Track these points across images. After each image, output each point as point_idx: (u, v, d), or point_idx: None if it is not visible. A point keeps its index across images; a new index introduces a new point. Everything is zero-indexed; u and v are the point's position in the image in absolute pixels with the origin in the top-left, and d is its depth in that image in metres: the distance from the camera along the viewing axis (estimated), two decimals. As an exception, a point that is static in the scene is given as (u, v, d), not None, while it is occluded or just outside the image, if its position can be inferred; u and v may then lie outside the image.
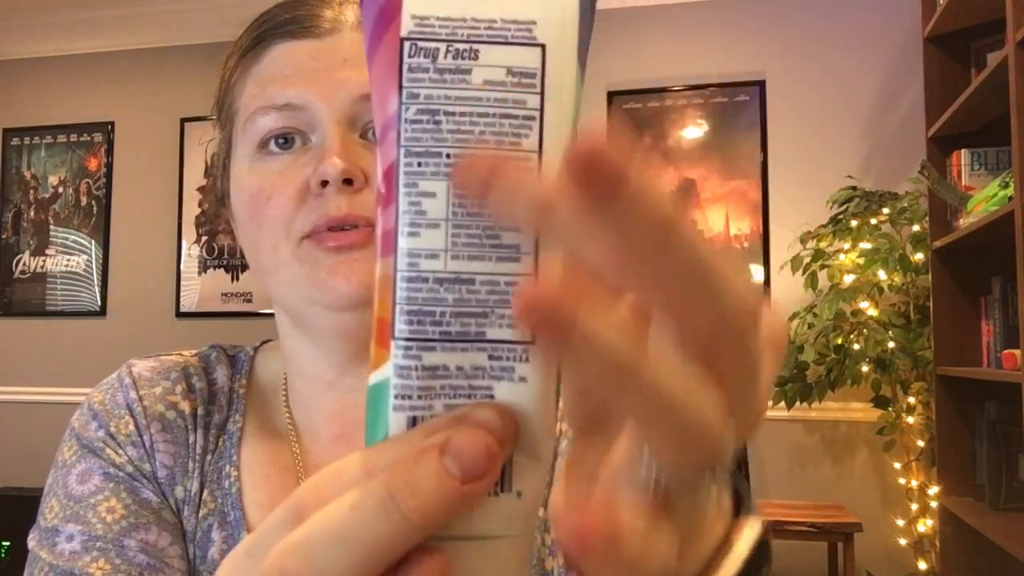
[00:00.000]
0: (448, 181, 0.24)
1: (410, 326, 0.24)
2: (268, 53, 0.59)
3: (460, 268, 0.24)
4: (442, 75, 0.24)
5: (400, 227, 0.24)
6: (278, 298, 0.60)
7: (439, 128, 0.24)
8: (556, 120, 0.25)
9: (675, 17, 3.35)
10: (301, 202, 0.55)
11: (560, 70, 0.25)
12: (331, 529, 0.22)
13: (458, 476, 0.22)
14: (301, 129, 0.57)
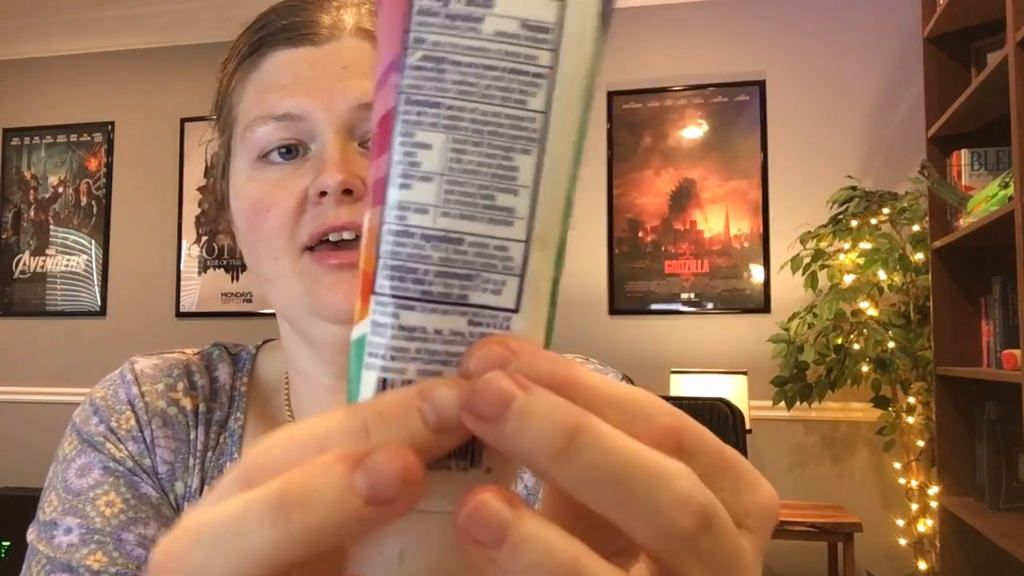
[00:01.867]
0: (447, 134, 0.23)
1: (391, 282, 0.23)
2: (266, 61, 0.59)
3: (449, 226, 0.23)
4: (452, 21, 0.23)
5: (391, 177, 0.23)
6: (278, 308, 0.60)
7: (443, 77, 0.23)
8: (569, 81, 0.23)
9: (675, 17, 3.35)
10: (300, 212, 0.55)
11: (579, 27, 0.23)
12: (224, 520, 0.21)
13: (363, 496, 0.20)
14: (300, 139, 0.57)
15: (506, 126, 0.23)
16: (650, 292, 3.26)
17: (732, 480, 0.24)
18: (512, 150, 0.23)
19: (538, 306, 0.24)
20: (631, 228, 3.31)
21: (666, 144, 3.31)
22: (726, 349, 3.15)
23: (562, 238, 0.24)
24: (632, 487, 0.21)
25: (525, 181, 0.23)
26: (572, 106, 0.23)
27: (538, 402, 0.21)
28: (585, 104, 0.24)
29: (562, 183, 0.24)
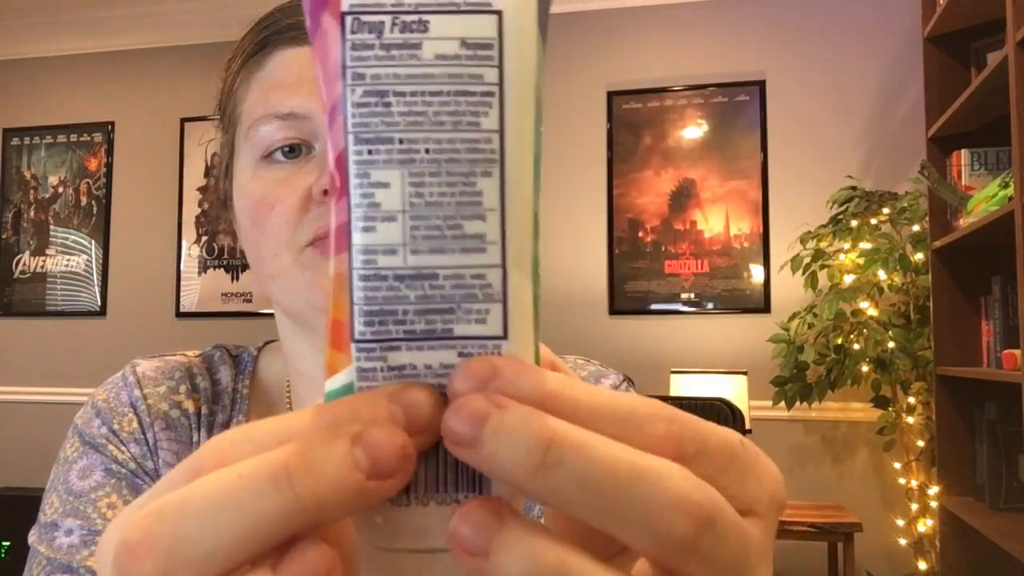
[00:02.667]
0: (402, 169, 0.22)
1: (371, 327, 0.22)
2: (271, 59, 0.59)
3: (421, 263, 0.22)
4: (389, 51, 0.22)
5: (354, 221, 0.22)
6: (280, 303, 0.60)
7: (389, 111, 0.22)
8: (518, 95, 0.22)
9: (675, 17, 3.35)
10: (304, 211, 0.55)
11: (520, 39, 0.22)
12: (213, 494, 0.20)
13: (364, 470, 0.20)
14: (304, 138, 0.57)
15: (463, 151, 0.22)
16: (650, 292, 3.26)
17: (738, 471, 0.23)
18: (473, 174, 0.22)
19: (524, 328, 0.23)
20: (631, 228, 3.31)
21: (666, 144, 3.31)
22: (726, 349, 3.15)
23: (535, 255, 0.24)
24: (620, 495, 0.21)
25: (491, 204, 0.22)
26: (525, 120, 0.23)
27: (511, 418, 0.21)
28: (536, 116, 0.23)
29: (528, 200, 0.23)
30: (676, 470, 0.21)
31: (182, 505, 0.20)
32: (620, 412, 0.22)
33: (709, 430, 0.23)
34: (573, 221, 3.33)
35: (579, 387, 0.23)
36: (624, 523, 0.21)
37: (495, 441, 0.21)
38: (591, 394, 0.23)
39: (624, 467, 0.21)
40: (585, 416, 0.22)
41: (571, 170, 3.35)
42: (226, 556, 0.20)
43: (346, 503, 0.21)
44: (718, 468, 0.23)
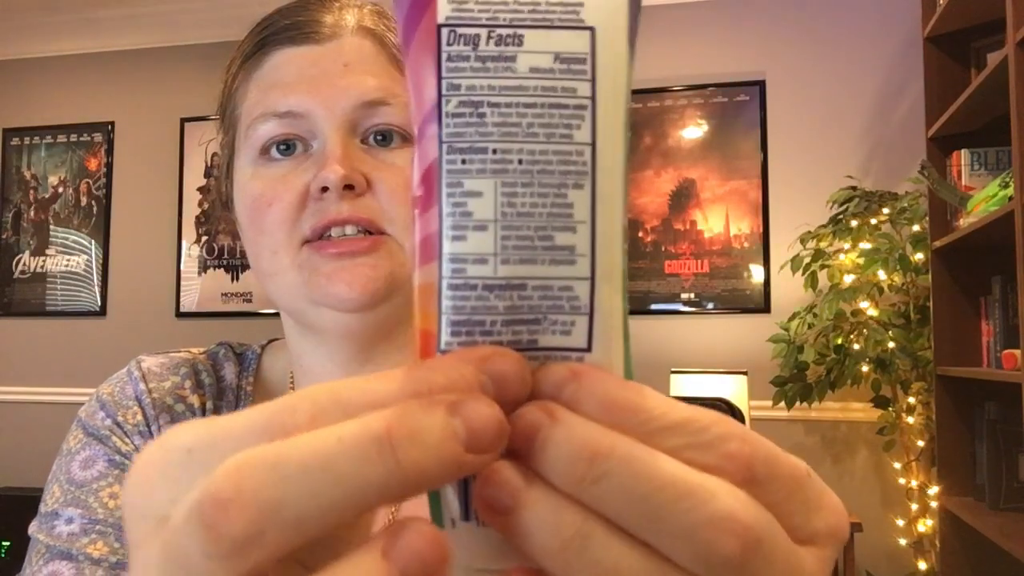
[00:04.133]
0: (495, 179, 0.22)
1: (458, 337, 0.23)
2: (269, 59, 0.59)
3: (511, 273, 0.22)
4: (484, 63, 0.22)
5: (444, 230, 0.22)
6: (280, 301, 0.61)
7: (484, 121, 0.22)
8: (609, 109, 0.23)
9: (675, 17, 3.35)
10: (302, 207, 0.56)
11: (611, 54, 0.23)
12: (310, 456, 0.20)
13: (463, 442, 0.20)
14: (302, 136, 0.57)
15: (555, 162, 0.22)
16: (650, 292, 3.26)
17: (802, 500, 0.23)
18: (565, 186, 0.23)
19: (612, 341, 0.23)
20: (631, 228, 3.31)
21: (666, 144, 3.31)
22: (726, 349, 3.15)
23: (624, 269, 0.24)
24: (665, 509, 0.21)
25: (582, 216, 0.23)
26: (616, 133, 0.23)
27: (559, 430, 0.21)
28: (626, 129, 0.23)
29: (617, 213, 0.23)
30: (727, 489, 0.21)
31: (278, 464, 0.20)
32: (693, 427, 0.22)
33: (780, 455, 0.23)
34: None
35: (654, 400, 0.23)
36: (669, 538, 0.21)
37: (546, 451, 0.21)
38: (666, 408, 0.22)
39: (671, 482, 0.21)
40: (655, 430, 0.22)
41: (571, 170, 3.35)
42: (319, 521, 0.20)
43: (444, 475, 0.21)
44: (784, 496, 0.23)
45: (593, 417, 0.22)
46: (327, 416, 0.21)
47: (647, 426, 0.22)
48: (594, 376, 0.22)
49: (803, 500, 0.23)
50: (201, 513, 0.20)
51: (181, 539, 0.20)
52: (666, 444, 0.22)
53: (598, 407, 0.22)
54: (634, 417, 0.22)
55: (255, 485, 0.20)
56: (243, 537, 0.19)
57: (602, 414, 0.22)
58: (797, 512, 0.23)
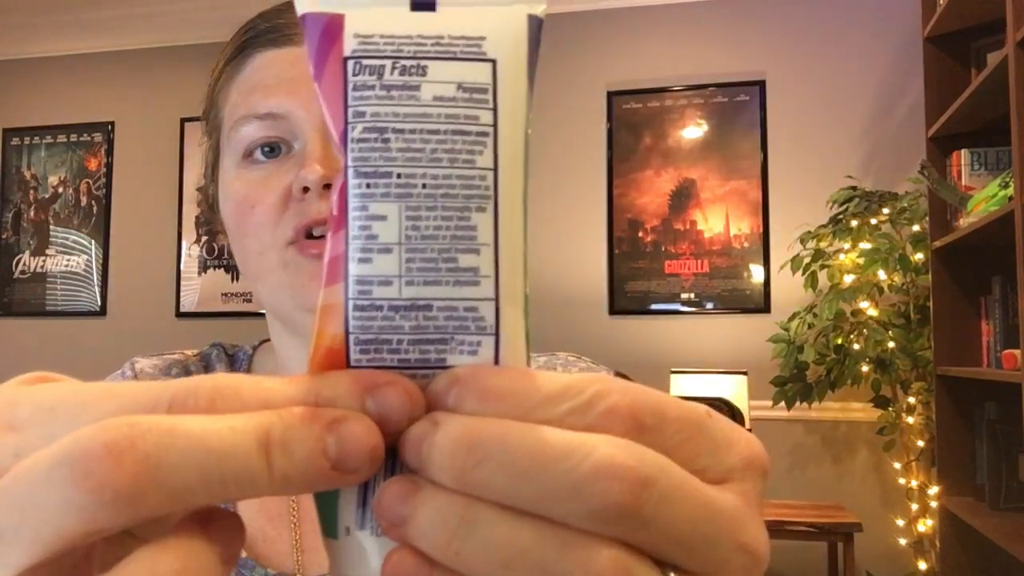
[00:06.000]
0: (400, 203, 0.23)
1: (367, 355, 0.23)
2: (250, 62, 0.60)
3: (416, 294, 0.23)
4: (389, 91, 0.23)
5: (351, 252, 0.23)
6: (265, 302, 0.61)
7: (388, 146, 0.23)
8: (510, 136, 0.24)
9: (675, 17, 3.35)
10: (284, 208, 0.56)
11: (512, 85, 0.24)
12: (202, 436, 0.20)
13: (331, 460, 0.21)
14: (283, 137, 0.58)
15: (458, 187, 0.23)
16: (650, 292, 3.26)
17: (707, 441, 0.23)
18: (468, 209, 0.23)
19: (516, 360, 0.24)
20: (631, 228, 3.31)
21: (666, 144, 3.31)
22: (726, 349, 3.15)
23: (525, 292, 0.24)
24: (546, 473, 0.21)
25: (485, 239, 0.23)
26: (517, 159, 0.24)
27: (441, 432, 0.22)
28: (526, 155, 0.24)
29: (518, 236, 0.24)
30: (603, 440, 0.21)
31: (173, 432, 0.20)
32: (570, 394, 0.22)
33: (669, 402, 0.23)
34: (573, 221, 3.33)
35: (531, 379, 0.23)
36: (559, 502, 0.21)
37: (431, 457, 0.22)
38: (542, 382, 0.23)
39: (550, 448, 0.21)
40: (533, 405, 0.22)
41: (571, 170, 3.35)
42: (191, 496, 0.20)
43: (307, 486, 0.22)
44: (682, 439, 0.23)
45: (474, 412, 0.22)
46: (225, 404, 0.22)
47: (525, 404, 0.22)
48: (471, 374, 0.23)
49: (707, 440, 0.23)
50: (83, 460, 0.19)
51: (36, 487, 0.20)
52: (546, 416, 0.22)
53: (476, 401, 0.22)
54: (511, 399, 0.22)
55: (150, 445, 0.20)
56: (126, 491, 0.19)
57: (481, 406, 0.22)
58: (702, 453, 0.23)
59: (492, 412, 0.22)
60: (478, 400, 0.22)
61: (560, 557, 0.21)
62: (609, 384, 0.23)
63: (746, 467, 0.24)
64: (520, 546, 0.21)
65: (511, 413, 0.22)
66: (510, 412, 0.22)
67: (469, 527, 0.21)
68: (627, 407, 0.22)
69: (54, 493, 0.19)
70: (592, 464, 0.21)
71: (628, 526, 0.21)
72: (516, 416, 0.22)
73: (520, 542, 0.21)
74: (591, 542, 0.21)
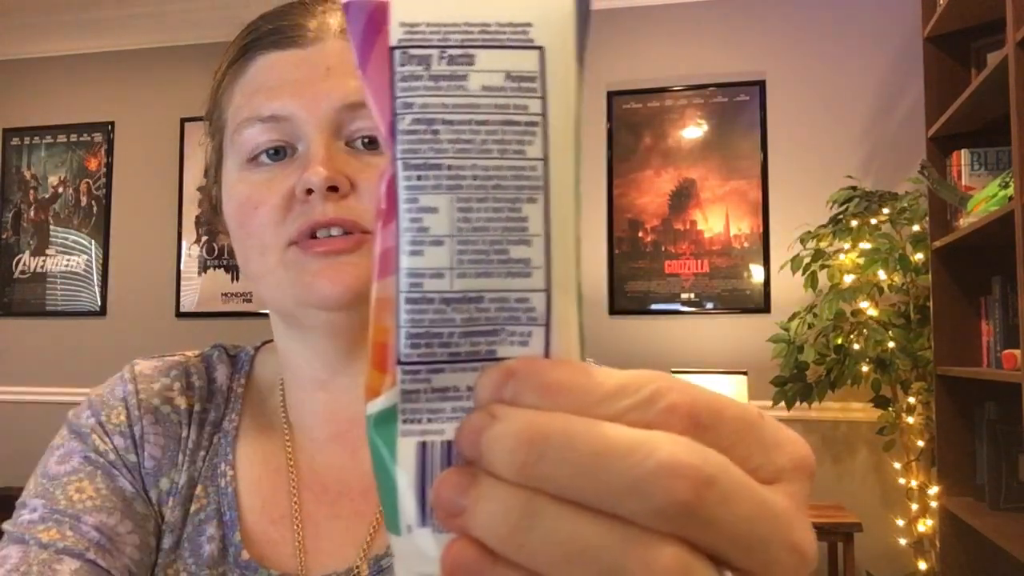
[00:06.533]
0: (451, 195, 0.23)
1: (417, 349, 0.23)
2: (253, 64, 0.60)
3: (468, 287, 0.23)
4: (437, 82, 0.23)
5: (402, 245, 0.23)
6: (268, 302, 0.61)
7: (437, 138, 0.23)
8: (560, 125, 0.23)
9: (675, 17, 3.35)
10: (287, 210, 0.56)
11: (561, 72, 0.23)
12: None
13: None
14: (288, 139, 0.58)
15: (509, 178, 0.23)
16: (650, 292, 3.26)
17: (758, 441, 0.24)
18: (519, 200, 0.23)
19: (568, 350, 0.24)
20: (631, 228, 3.31)
21: (666, 144, 3.31)
22: (726, 349, 3.15)
23: (578, 281, 0.24)
24: (610, 470, 0.21)
25: (536, 230, 0.23)
26: (568, 148, 0.24)
27: (500, 425, 0.22)
28: (577, 144, 0.24)
29: (570, 226, 0.24)
30: (666, 438, 0.21)
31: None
32: (629, 390, 0.23)
33: (725, 401, 0.24)
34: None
35: (590, 374, 0.23)
36: (621, 498, 0.21)
37: (490, 450, 0.22)
38: (602, 378, 0.23)
39: (613, 444, 0.21)
40: (593, 401, 0.22)
41: (571, 170, 3.35)
42: None
43: None
44: (737, 439, 0.23)
45: (533, 405, 0.22)
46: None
47: (585, 399, 0.22)
48: (528, 367, 0.23)
49: (759, 440, 0.24)
50: None
51: None
52: (606, 412, 0.22)
53: (535, 394, 0.22)
54: (571, 394, 0.22)
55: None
56: None
57: (540, 400, 0.22)
58: (755, 453, 0.23)
59: (551, 407, 0.22)
60: (538, 394, 0.22)
61: (623, 554, 0.21)
62: (668, 382, 0.23)
63: (795, 468, 0.24)
64: (583, 541, 0.21)
65: (571, 408, 0.22)
66: (570, 407, 0.22)
67: (532, 520, 0.21)
68: (686, 405, 0.23)
69: None
70: (656, 462, 0.21)
71: (689, 524, 0.21)
72: (576, 411, 0.22)
73: (583, 537, 0.21)
74: (653, 540, 0.21)
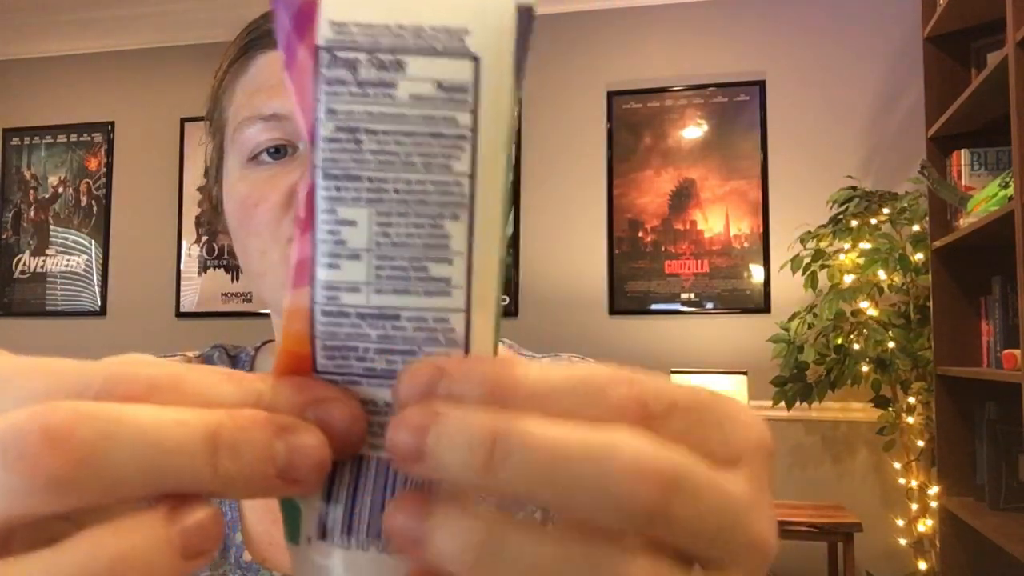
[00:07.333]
0: (370, 208, 0.22)
1: (332, 361, 0.23)
2: (254, 63, 0.60)
3: (384, 303, 0.22)
4: (363, 89, 0.22)
5: (318, 257, 0.22)
6: (268, 301, 0.61)
7: (360, 148, 0.22)
8: (491, 140, 0.22)
9: (675, 17, 3.35)
10: (288, 208, 0.56)
11: (496, 85, 0.22)
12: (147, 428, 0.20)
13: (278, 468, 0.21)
14: (288, 139, 0.58)
15: (432, 193, 0.22)
16: (650, 292, 3.26)
17: (715, 423, 0.23)
18: (442, 217, 0.22)
19: None
20: (631, 228, 3.31)
21: (666, 144, 3.31)
22: (726, 349, 3.15)
23: (498, 301, 0.23)
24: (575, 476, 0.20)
25: (458, 248, 0.22)
26: (497, 164, 0.22)
27: (451, 422, 0.21)
28: (508, 161, 0.23)
29: (495, 245, 0.23)
30: (629, 438, 0.21)
31: (119, 422, 0.20)
32: (575, 383, 0.22)
33: (676, 387, 0.23)
34: (573, 221, 3.33)
35: (532, 368, 0.22)
36: (589, 505, 0.20)
37: (439, 449, 0.20)
38: (546, 372, 0.22)
39: (574, 445, 0.20)
40: (541, 396, 0.21)
41: (571, 170, 3.35)
42: (131, 489, 0.20)
43: (248, 490, 0.21)
44: (692, 423, 0.22)
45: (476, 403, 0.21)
46: (162, 395, 0.21)
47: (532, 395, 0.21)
48: (463, 364, 0.22)
49: (714, 423, 0.23)
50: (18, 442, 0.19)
51: None
52: (555, 408, 0.21)
53: (480, 391, 0.21)
54: (518, 390, 0.21)
55: (92, 433, 0.19)
56: (61, 479, 0.19)
57: (485, 397, 0.21)
58: (711, 437, 0.23)
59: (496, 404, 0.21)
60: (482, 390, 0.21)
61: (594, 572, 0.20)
62: (614, 372, 0.22)
63: (755, 448, 0.23)
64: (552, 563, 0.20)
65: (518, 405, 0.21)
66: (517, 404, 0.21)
67: (497, 545, 0.20)
68: (636, 396, 0.22)
69: None
70: (621, 463, 0.20)
71: (655, 525, 0.21)
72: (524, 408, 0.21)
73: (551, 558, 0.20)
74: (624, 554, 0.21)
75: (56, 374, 0.21)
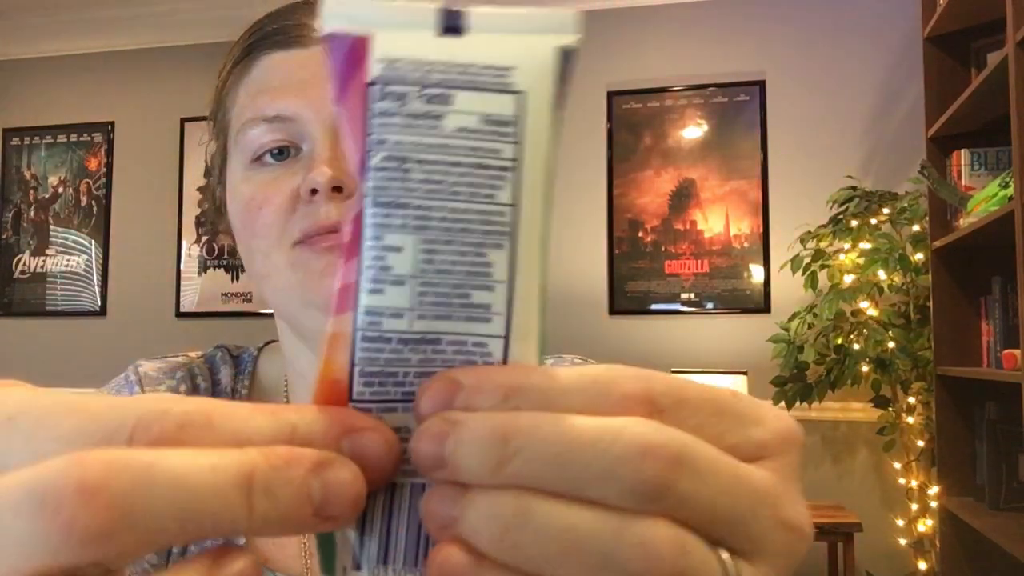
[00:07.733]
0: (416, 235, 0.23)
1: (370, 388, 0.23)
2: (257, 64, 0.60)
3: (426, 328, 0.23)
4: (412, 120, 0.23)
5: (362, 283, 0.23)
6: (273, 303, 0.61)
7: (408, 176, 0.23)
8: (532, 171, 0.23)
9: (675, 17, 3.35)
10: (292, 210, 0.56)
11: (538, 120, 0.23)
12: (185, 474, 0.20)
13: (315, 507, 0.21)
14: (292, 140, 0.57)
15: (476, 222, 0.23)
16: (650, 292, 3.26)
17: (732, 420, 0.24)
18: (484, 245, 0.23)
19: None
20: (631, 228, 3.31)
21: (666, 144, 3.31)
22: (726, 349, 3.15)
23: (541, 327, 0.24)
24: (581, 459, 0.21)
25: (500, 276, 0.23)
26: (538, 195, 0.23)
27: (467, 428, 0.22)
28: (548, 191, 0.24)
29: (535, 274, 0.23)
30: (630, 421, 0.22)
31: (151, 470, 0.19)
32: (586, 381, 0.23)
33: (688, 384, 0.24)
34: (573, 221, 3.33)
35: (543, 373, 0.23)
36: (596, 484, 0.21)
37: (458, 454, 0.21)
38: (556, 375, 0.23)
39: (580, 433, 0.21)
40: (554, 397, 0.22)
41: (571, 170, 3.35)
42: (167, 537, 0.20)
43: (286, 529, 0.21)
44: (703, 419, 0.23)
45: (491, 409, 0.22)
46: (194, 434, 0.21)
47: (541, 396, 0.22)
48: (475, 375, 0.23)
49: (733, 418, 0.23)
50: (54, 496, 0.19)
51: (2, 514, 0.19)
52: (564, 407, 0.22)
53: (492, 397, 0.22)
54: (529, 393, 0.22)
55: (126, 484, 0.19)
56: (96, 533, 0.19)
57: (498, 402, 0.22)
58: (729, 431, 0.23)
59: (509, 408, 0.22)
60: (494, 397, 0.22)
61: (617, 538, 0.21)
62: (621, 371, 0.23)
63: (781, 441, 0.24)
64: (576, 532, 0.21)
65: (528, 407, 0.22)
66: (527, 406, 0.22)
67: (524, 518, 0.21)
68: (642, 391, 0.23)
69: (21, 524, 0.19)
70: (623, 445, 0.21)
71: (666, 502, 0.21)
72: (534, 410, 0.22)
73: (576, 528, 0.21)
74: (646, 522, 0.21)
75: (88, 415, 0.21)
